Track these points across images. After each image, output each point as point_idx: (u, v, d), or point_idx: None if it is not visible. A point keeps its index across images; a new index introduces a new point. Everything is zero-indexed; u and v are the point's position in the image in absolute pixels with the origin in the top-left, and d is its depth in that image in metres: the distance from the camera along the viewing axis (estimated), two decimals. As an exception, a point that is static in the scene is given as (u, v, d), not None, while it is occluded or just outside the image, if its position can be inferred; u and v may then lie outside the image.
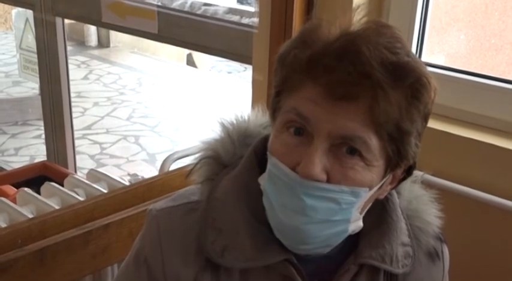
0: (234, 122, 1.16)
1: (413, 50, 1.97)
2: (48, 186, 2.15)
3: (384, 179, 1.03)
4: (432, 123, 1.85)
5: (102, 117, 6.57)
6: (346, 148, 0.96)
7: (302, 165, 0.96)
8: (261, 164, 1.05)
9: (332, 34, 0.97)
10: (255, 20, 2.26)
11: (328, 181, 0.97)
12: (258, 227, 1.05)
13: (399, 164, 1.02)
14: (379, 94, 0.94)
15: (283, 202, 0.99)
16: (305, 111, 0.97)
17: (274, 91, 1.04)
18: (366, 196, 1.00)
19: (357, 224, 1.04)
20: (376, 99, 0.94)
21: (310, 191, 0.96)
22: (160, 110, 6.85)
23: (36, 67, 3.91)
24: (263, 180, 1.04)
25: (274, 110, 1.04)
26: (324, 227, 0.99)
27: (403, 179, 1.09)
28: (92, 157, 5.55)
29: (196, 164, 1.13)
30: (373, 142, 0.96)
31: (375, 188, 1.01)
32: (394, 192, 1.13)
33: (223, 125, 1.15)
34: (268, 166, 1.02)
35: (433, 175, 1.75)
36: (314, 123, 0.96)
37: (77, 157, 4.28)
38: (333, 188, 0.97)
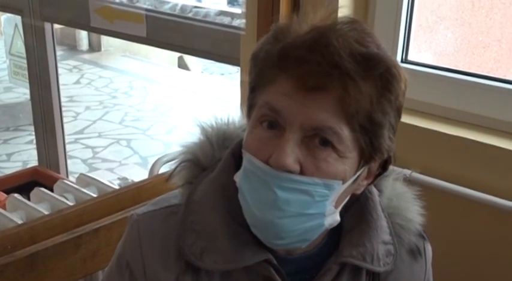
0: (214, 124, 1.16)
1: (400, 48, 1.98)
2: (37, 191, 2.15)
3: (358, 173, 1.03)
4: (420, 122, 1.88)
5: (94, 121, 6.56)
6: (318, 140, 0.96)
7: (274, 156, 0.96)
8: (238, 166, 1.05)
9: (303, 29, 0.98)
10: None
11: (302, 172, 0.97)
12: (236, 228, 1.05)
13: (373, 157, 1.02)
14: (349, 84, 0.94)
15: (256, 196, 1.00)
16: (277, 104, 0.97)
17: (249, 88, 1.05)
18: (340, 189, 1.00)
19: (333, 218, 1.03)
20: (346, 89, 0.94)
21: (282, 184, 0.97)
22: (152, 113, 6.85)
23: (27, 73, 3.89)
24: (238, 177, 1.04)
25: (249, 107, 1.05)
26: (298, 221, 0.99)
27: (379, 174, 1.09)
28: (84, 161, 5.54)
29: (176, 168, 1.14)
30: (345, 132, 0.96)
31: (349, 181, 1.01)
32: (374, 190, 1.14)
33: (202, 128, 1.15)
34: (243, 162, 1.02)
35: (421, 172, 1.76)
36: (286, 115, 0.96)
37: (70, 161, 4.27)
38: (306, 180, 0.97)
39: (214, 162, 1.12)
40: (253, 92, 1.04)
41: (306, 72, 0.94)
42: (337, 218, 1.05)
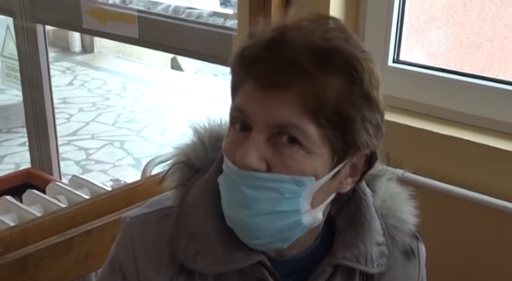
0: (207, 125, 1.16)
1: (391, 49, 1.98)
2: (30, 193, 2.15)
3: (336, 169, 1.02)
4: (412, 121, 1.88)
5: (88, 123, 6.55)
6: (285, 138, 0.97)
7: (238, 155, 0.97)
8: None
9: (269, 30, 0.99)
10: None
11: (269, 171, 0.97)
12: (229, 231, 1.05)
13: (348, 152, 1.01)
14: (307, 80, 0.94)
15: (229, 196, 1.01)
16: (242, 105, 0.98)
17: (230, 93, 1.06)
18: (314, 185, 0.99)
19: (312, 216, 1.02)
20: (304, 85, 0.94)
21: (249, 182, 0.97)
22: (146, 114, 6.84)
23: (19, 74, 3.88)
24: (220, 180, 1.05)
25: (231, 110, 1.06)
26: (271, 218, 0.99)
27: (366, 171, 1.08)
28: (77, 163, 5.53)
29: (169, 170, 1.14)
30: (310, 128, 0.96)
31: (324, 178, 1.00)
32: (367, 191, 1.14)
33: (195, 129, 1.15)
34: (223, 165, 1.03)
35: (414, 172, 1.76)
36: (251, 115, 0.97)
37: (63, 163, 4.25)
38: (272, 177, 0.97)
39: (207, 163, 1.12)
40: (231, 97, 1.05)
41: (263, 71, 0.95)
42: (319, 216, 1.04)
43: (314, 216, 1.03)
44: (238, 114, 0.99)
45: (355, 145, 1.01)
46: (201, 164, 1.13)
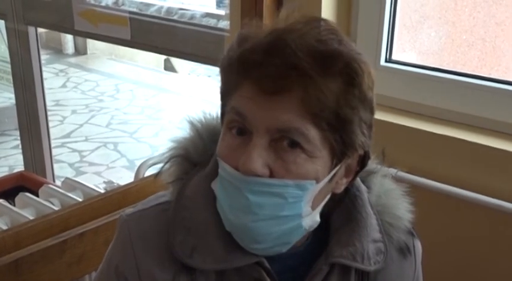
0: (203, 120, 1.16)
1: (384, 48, 1.98)
2: (22, 197, 2.14)
3: (334, 171, 1.02)
4: (405, 121, 1.88)
5: (81, 125, 6.53)
6: (286, 142, 0.97)
7: (241, 161, 0.97)
8: None
9: (263, 32, 0.99)
10: (229, 23, 2.25)
11: (272, 176, 0.97)
12: None
13: (346, 154, 1.02)
14: (309, 84, 0.94)
15: (230, 202, 1.00)
16: (242, 109, 0.98)
17: (220, 96, 1.06)
18: (315, 189, 1.00)
19: (312, 219, 1.03)
20: (306, 89, 0.94)
21: (253, 188, 0.97)
22: (139, 116, 6.83)
23: (11, 77, 3.86)
24: (215, 185, 1.04)
25: (221, 114, 1.06)
26: (273, 223, 0.99)
27: (359, 171, 1.09)
28: (71, 165, 5.51)
29: (166, 163, 1.13)
30: (312, 132, 0.96)
31: (324, 181, 1.01)
32: (362, 188, 1.14)
33: (191, 124, 1.15)
34: (219, 170, 1.03)
35: (407, 171, 1.76)
36: (251, 119, 0.97)
37: (57, 165, 4.24)
38: (276, 182, 0.97)
39: (205, 157, 1.12)
40: (223, 99, 1.05)
41: (265, 76, 0.95)
42: (317, 219, 1.05)
43: (313, 219, 1.04)
44: (236, 118, 0.99)
45: (352, 146, 1.01)
46: (199, 157, 1.12)
